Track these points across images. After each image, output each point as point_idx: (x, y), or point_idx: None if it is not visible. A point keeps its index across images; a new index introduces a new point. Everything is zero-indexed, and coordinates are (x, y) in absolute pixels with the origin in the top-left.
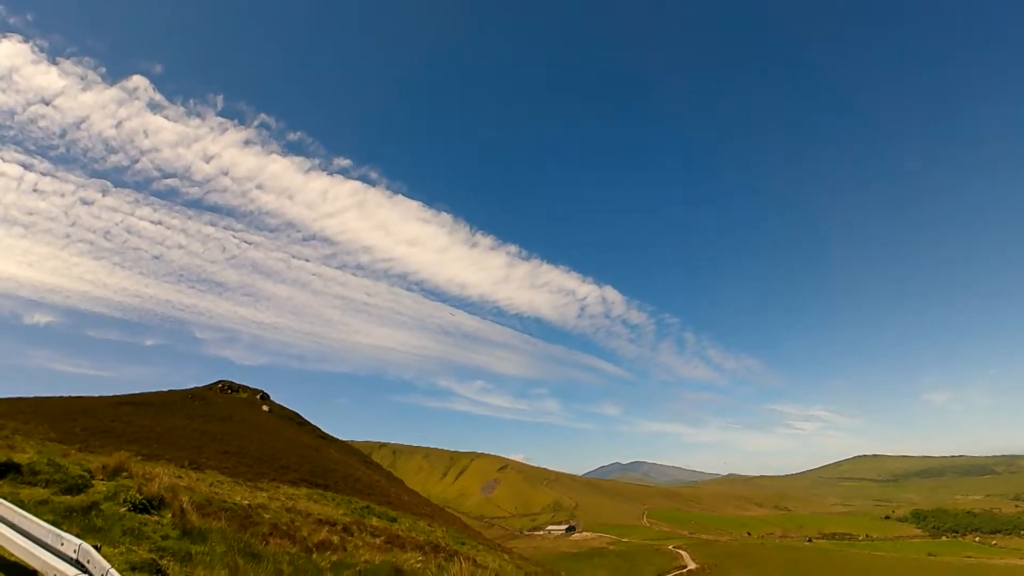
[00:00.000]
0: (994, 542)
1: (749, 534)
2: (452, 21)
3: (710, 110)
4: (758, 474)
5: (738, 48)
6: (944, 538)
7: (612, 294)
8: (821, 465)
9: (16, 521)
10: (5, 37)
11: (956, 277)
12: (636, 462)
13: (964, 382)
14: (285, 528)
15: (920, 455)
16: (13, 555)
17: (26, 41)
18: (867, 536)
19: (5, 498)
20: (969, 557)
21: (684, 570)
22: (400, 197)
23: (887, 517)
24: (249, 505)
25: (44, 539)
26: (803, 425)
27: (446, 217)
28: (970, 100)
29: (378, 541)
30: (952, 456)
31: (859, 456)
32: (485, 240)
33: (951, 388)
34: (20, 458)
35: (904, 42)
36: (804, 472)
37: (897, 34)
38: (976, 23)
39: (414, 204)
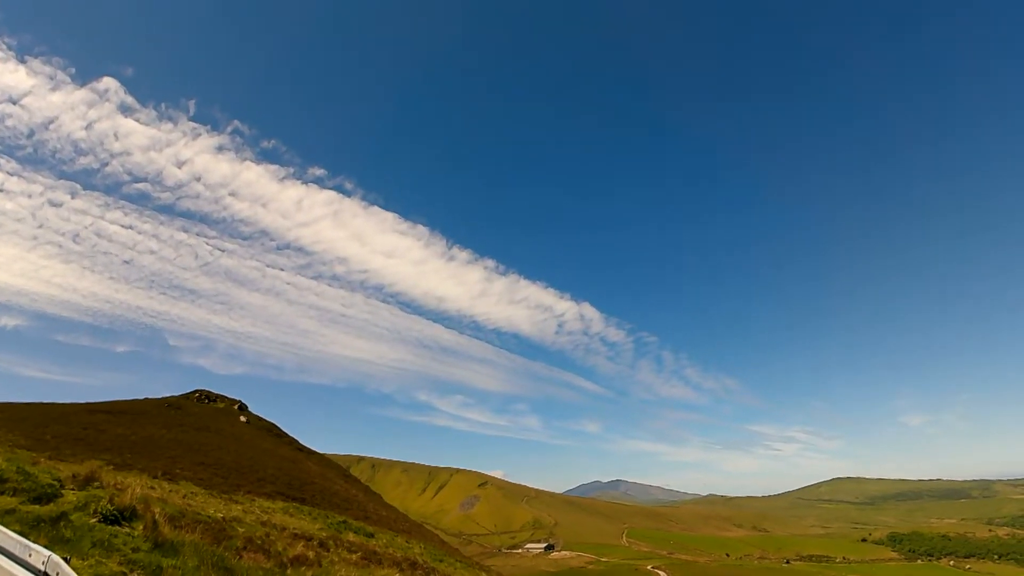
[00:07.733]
0: (968, 566)
1: (728, 555)
2: (430, 30)
3: (689, 129)
4: (738, 495)
5: (722, 69)
6: (919, 561)
7: (590, 311)
8: (800, 487)
9: None
10: None
11: (932, 303)
12: (616, 480)
13: (939, 406)
14: (260, 542)
15: (897, 478)
16: None
17: None
18: (844, 559)
19: None
20: None
21: None
22: (376, 208)
23: (864, 540)
24: (223, 518)
25: (12, 550)
26: (782, 446)
27: (422, 229)
28: (965, 122)
29: (355, 557)
30: (929, 480)
31: (838, 478)
32: (462, 254)
33: (926, 412)
34: None
35: (918, 50)
36: (783, 493)
37: (902, 43)
38: (978, 27)
39: (390, 215)
